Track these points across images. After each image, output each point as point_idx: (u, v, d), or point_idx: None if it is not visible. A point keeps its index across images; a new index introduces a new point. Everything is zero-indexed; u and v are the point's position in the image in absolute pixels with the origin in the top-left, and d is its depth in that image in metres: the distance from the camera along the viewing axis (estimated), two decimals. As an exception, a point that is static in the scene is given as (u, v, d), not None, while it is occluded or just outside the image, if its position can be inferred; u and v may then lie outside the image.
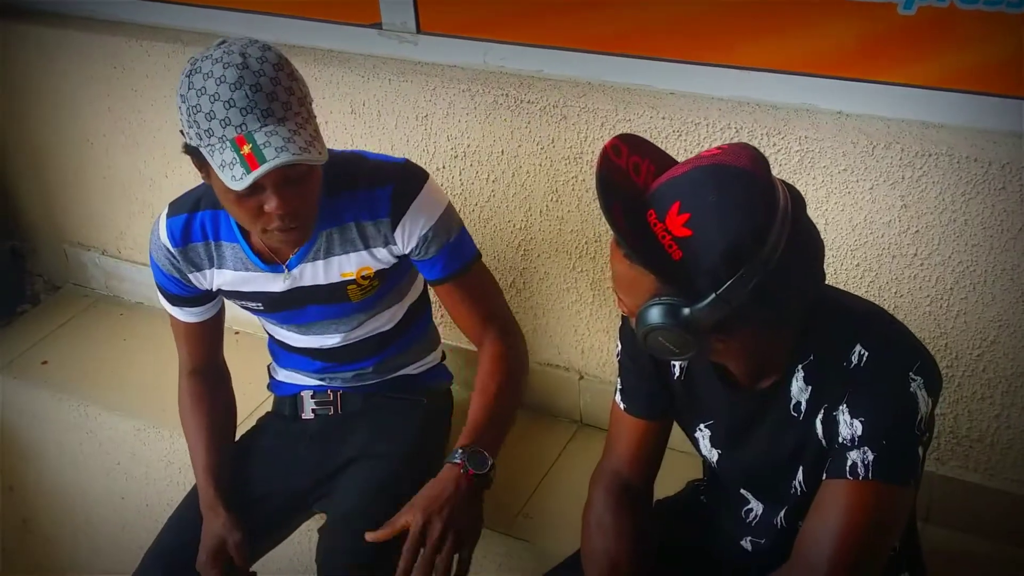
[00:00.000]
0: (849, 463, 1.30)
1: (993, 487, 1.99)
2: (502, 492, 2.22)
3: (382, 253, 1.80)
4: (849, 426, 1.30)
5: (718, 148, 1.25)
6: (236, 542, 1.83)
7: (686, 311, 1.23)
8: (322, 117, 2.33)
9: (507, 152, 2.17)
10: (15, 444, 2.85)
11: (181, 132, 1.61)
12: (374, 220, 1.76)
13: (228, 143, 1.52)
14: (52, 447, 2.79)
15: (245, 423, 2.15)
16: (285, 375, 2.11)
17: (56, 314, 3.03)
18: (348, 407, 2.05)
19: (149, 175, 2.74)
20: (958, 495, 2.02)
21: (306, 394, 2.06)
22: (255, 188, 1.56)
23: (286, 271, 1.81)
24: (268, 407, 2.18)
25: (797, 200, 1.26)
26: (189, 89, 1.54)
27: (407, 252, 1.80)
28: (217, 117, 1.52)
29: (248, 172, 1.50)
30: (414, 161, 1.85)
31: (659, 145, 1.95)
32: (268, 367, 2.16)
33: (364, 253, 1.79)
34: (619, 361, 1.59)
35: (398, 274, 1.88)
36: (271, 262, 1.82)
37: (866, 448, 1.29)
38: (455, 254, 1.82)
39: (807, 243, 1.26)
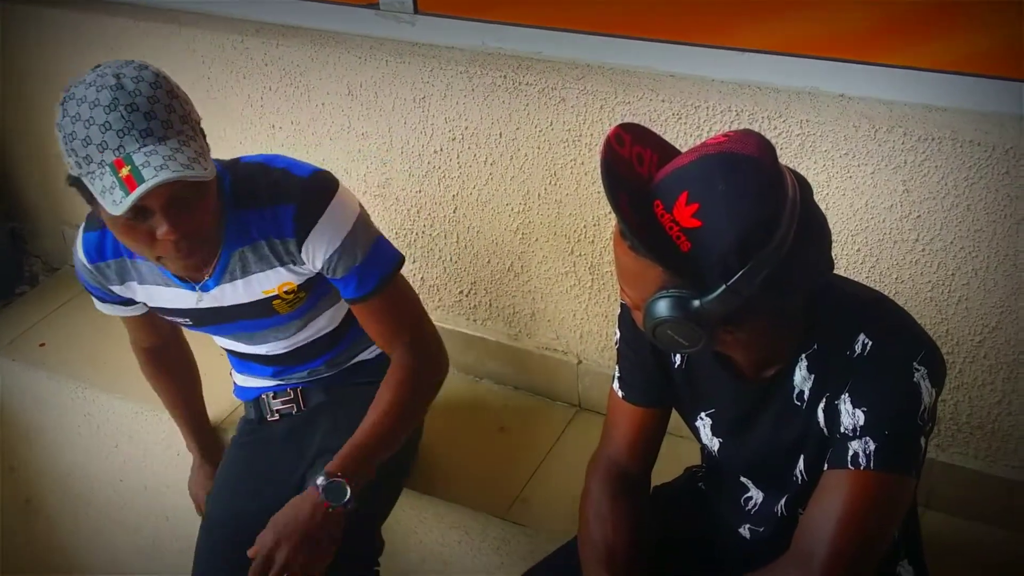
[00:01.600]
0: (851, 453, 1.28)
1: (993, 474, 1.98)
2: (500, 476, 2.23)
3: (298, 268, 1.74)
4: (851, 416, 1.29)
5: (723, 136, 1.22)
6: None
7: (695, 303, 1.21)
8: (319, 99, 2.35)
9: (505, 135, 2.14)
10: (15, 426, 2.85)
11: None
12: (281, 239, 1.69)
13: (107, 167, 1.44)
14: (51, 429, 2.78)
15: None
16: (243, 380, 2.08)
17: (54, 296, 3.02)
18: (311, 401, 2.02)
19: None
20: (958, 481, 2.01)
21: (267, 396, 2.04)
22: (142, 213, 1.49)
23: (198, 292, 1.75)
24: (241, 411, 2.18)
25: (804, 187, 1.24)
26: (64, 117, 1.47)
27: (316, 271, 1.75)
28: (94, 142, 1.44)
29: (127, 195, 1.42)
30: (410, 140, 1.79)
31: (659, 129, 1.96)
32: (230, 372, 2.14)
33: (281, 269, 1.73)
34: (617, 349, 1.58)
35: (325, 283, 1.81)
36: (186, 280, 1.75)
37: (868, 438, 1.28)
38: (365, 275, 1.75)
39: (816, 230, 1.24)
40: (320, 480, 1.67)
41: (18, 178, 3.11)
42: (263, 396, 2.05)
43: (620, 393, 1.58)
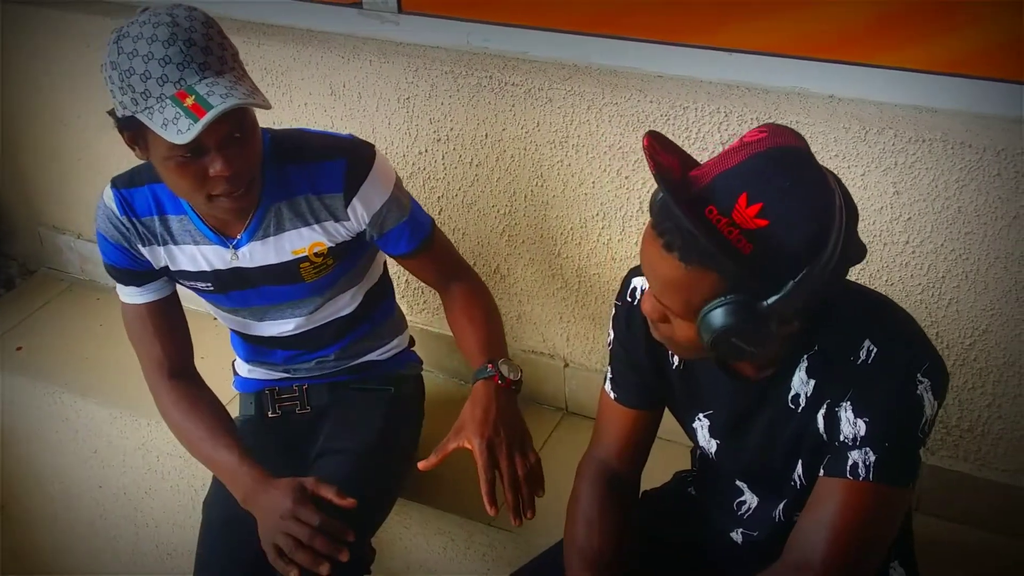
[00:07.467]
0: (850, 463, 1.27)
1: (983, 477, 1.98)
2: (485, 482, 2.21)
3: (334, 228, 1.75)
4: (852, 425, 1.28)
5: (759, 132, 1.19)
6: (313, 482, 1.67)
7: (763, 304, 1.17)
8: (301, 99, 2.32)
9: (491, 136, 2.12)
10: (-9, 431, 2.81)
11: (110, 113, 1.57)
12: (326, 194, 1.72)
13: (168, 100, 1.47)
14: (28, 434, 2.75)
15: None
16: (248, 370, 2.05)
17: (31, 299, 2.98)
18: (315, 401, 2.00)
19: (125, 156, 2.67)
20: (948, 485, 2.00)
21: (271, 391, 2.01)
22: (198, 151, 1.52)
23: (232, 250, 1.76)
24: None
25: (831, 172, 1.23)
26: (119, 54, 1.49)
27: (361, 229, 1.76)
28: (153, 76, 1.47)
29: (196, 121, 1.44)
30: (395, 141, 1.79)
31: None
32: (233, 363, 2.11)
33: (316, 227, 1.74)
34: (611, 350, 1.56)
35: (353, 253, 1.83)
36: (221, 234, 1.75)
37: (868, 449, 1.26)
38: (415, 228, 1.81)
39: (855, 216, 1.23)
40: (487, 368, 1.73)
41: (-7, 179, 3.07)
42: (266, 390, 2.01)
43: (612, 395, 1.56)
